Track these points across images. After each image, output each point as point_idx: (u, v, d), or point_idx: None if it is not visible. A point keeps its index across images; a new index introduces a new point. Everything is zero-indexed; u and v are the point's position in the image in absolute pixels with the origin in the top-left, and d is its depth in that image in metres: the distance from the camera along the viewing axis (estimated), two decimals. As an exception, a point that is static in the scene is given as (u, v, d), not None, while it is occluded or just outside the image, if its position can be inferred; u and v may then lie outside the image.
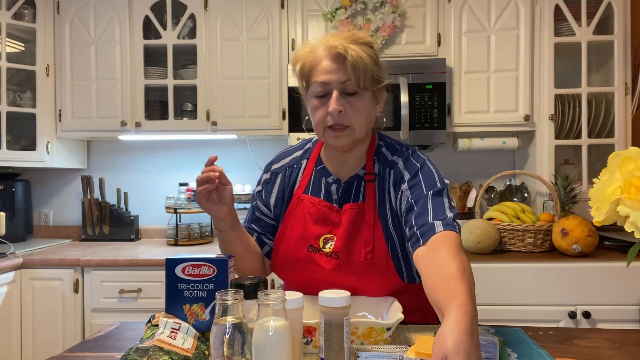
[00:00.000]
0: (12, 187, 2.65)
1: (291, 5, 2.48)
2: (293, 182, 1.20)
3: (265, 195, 1.23)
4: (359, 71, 1.04)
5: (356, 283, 1.11)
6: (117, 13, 2.54)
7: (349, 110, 1.06)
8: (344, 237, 1.11)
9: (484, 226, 2.13)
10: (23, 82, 2.64)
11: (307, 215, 1.15)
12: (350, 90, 1.05)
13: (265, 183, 1.24)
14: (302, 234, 1.14)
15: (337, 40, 1.05)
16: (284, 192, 1.21)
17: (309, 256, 1.13)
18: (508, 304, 2.03)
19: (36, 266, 2.22)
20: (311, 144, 1.24)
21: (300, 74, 1.12)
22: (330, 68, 1.05)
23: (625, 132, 2.32)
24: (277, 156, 1.26)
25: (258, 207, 1.24)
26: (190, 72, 2.59)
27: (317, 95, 1.08)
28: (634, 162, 0.77)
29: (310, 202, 1.15)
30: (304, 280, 1.16)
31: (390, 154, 1.16)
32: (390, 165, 1.14)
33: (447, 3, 2.42)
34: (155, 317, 0.94)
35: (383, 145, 1.18)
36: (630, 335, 1.06)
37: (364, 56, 1.04)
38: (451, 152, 2.74)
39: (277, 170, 1.24)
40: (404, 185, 1.09)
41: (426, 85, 2.32)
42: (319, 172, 1.19)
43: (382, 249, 1.10)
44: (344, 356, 0.83)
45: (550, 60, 2.35)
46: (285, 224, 1.17)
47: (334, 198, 1.16)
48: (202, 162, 2.86)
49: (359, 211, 1.12)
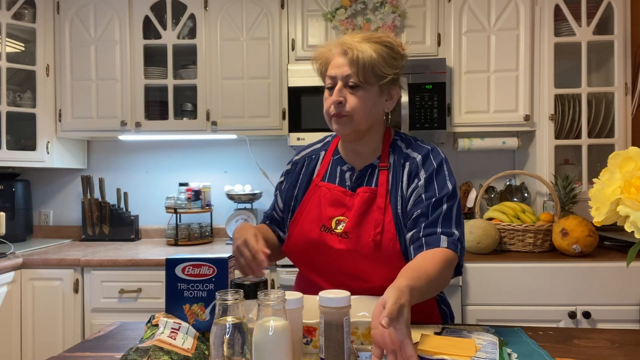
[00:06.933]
0: (12, 187, 2.65)
1: (291, 5, 2.48)
2: (312, 171, 1.29)
3: (286, 183, 1.32)
4: (357, 66, 1.12)
5: (363, 264, 1.15)
6: (117, 13, 2.54)
7: (349, 101, 1.15)
8: (355, 218, 1.16)
9: (484, 226, 2.13)
10: (23, 82, 2.64)
11: (323, 199, 1.22)
12: (352, 83, 1.14)
13: (287, 173, 1.34)
14: (317, 216, 1.21)
15: (349, 39, 1.16)
16: (302, 179, 1.29)
17: (320, 235, 1.18)
18: (508, 304, 2.03)
19: (36, 266, 2.22)
20: (330, 138, 1.34)
21: (318, 70, 1.24)
22: (338, 63, 1.16)
23: (625, 132, 2.32)
24: (298, 151, 1.36)
25: (276, 199, 1.34)
26: (190, 72, 2.59)
27: (327, 87, 1.19)
28: (634, 162, 0.77)
29: (327, 188, 1.23)
30: (314, 262, 1.21)
31: (406, 147, 1.22)
32: (406, 157, 1.20)
33: (447, 3, 2.42)
34: (155, 317, 0.94)
35: (399, 139, 1.24)
36: (630, 335, 1.06)
37: (367, 53, 1.12)
38: (451, 152, 2.74)
39: (297, 160, 1.33)
40: (420, 182, 1.14)
41: (426, 85, 2.32)
42: (335, 162, 1.27)
43: (391, 232, 1.14)
44: (344, 356, 0.83)
45: (550, 60, 2.35)
46: (302, 208, 1.24)
47: (347, 184, 1.22)
48: (202, 162, 2.88)
49: (371, 195, 1.17)
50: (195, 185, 2.68)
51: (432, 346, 0.88)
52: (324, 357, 0.84)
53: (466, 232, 2.14)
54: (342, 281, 1.16)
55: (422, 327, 1.10)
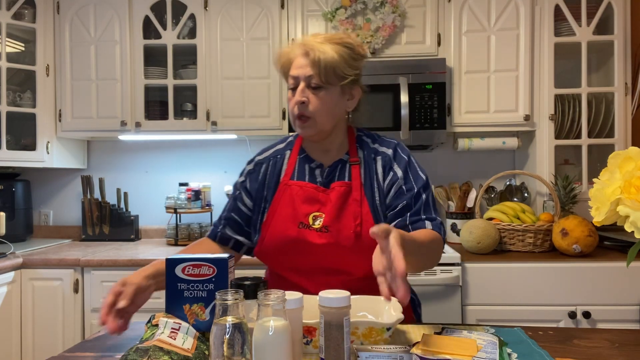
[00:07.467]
0: (12, 187, 2.65)
1: (291, 5, 2.48)
2: (279, 171, 1.28)
3: (250, 184, 1.30)
4: (319, 67, 1.15)
5: (344, 256, 1.16)
6: (117, 13, 2.54)
7: (312, 101, 1.17)
8: (332, 212, 1.18)
9: (484, 226, 2.13)
10: (23, 82, 2.64)
11: (296, 197, 1.22)
12: (314, 83, 1.17)
13: (249, 173, 1.31)
14: (292, 214, 1.20)
15: (311, 40, 1.18)
16: (270, 180, 1.28)
17: (299, 233, 1.18)
18: (508, 304, 2.03)
19: (36, 266, 2.22)
20: (292, 137, 1.35)
21: (281, 70, 1.27)
22: (301, 64, 1.18)
23: (625, 132, 2.32)
24: (260, 151, 1.35)
25: (241, 197, 1.30)
26: (190, 72, 2.59)
27: (290, 88, 1.22)
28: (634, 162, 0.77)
29: (298, 186, 1.23)
30: (291, 260, 1.20)
31: (372, 142, 1.27)
32: (376, 152, 1.25)
33: (447, 3, 2.42)
34: (155, 317, 0.94)
35: (363, 135, 1.30)
36: (630, 335, 1.06)
37: (329, 54, 1.15)
38: (451, 152, 2.74)
39: (261, 161, 1.32)
40: (398, 175, 1.20)
41: (426, 85, 2.32)
42: (302, 160, 1.28)
43: (369, 222, 1.18)
44: (344, 356, 0.83)
45: (550, 60, 2.35)
46: (274, 209, 1.23)
47: (318, 180, 1.24)
48: (202, 162, 2.88)
49: (347, 188, 1.21)
50: (195, 185, 2.68)
51: (434, 346, 0.88)
52: (324, 357, 0.84)
53: (466, 232, 2.15)
54: (319, 278, 1.17)
55: (423, 326, 1.10)
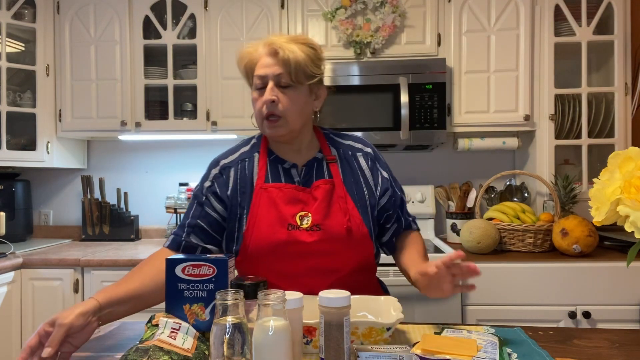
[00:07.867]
0: (12, 187, 2.65)
1: (291, 5, 2.48)
2: (250, 175, 1.24)
3: (219, 189, 1.23)
4: (289, 66, 1.15)
5: (335, 252, 1.17)
6: (117, 13, 2.54)
7: (282, 100, 1.17)
8: (320, 210, 1.18)
9: (484, 226, 2.13)
10: (23, 82, 2.64)
11: (277, 200, 1.19)
12: (284, 82, 1.17)
13: (216, 178, 1.25)
14: (277, 217, 1.17)
15: (277, 39, 1.18)
16: (242, 185, 1.22)
17: (289, 235, 1.16)
18: (508, 304, 2.03)
19: (36, 266, 2.22)
20: (256, 140, 1.32)
21: (244, 71, 1.25)
22: (268, 63, 1.17)
23: (625, 132, 2.32)
24: (223, 153, 1.30)
25: (209, 203, 1.23)
26: (190, 72, 2.59)
27: (257, 88, 1.20)
28: (634, 162, 0.77)
29: (276, 188, 1.20)
30: (279, 264, 1.16)
31: (342, 139, 1.31)
32: (351, 148, 1.29)
33: (447, 3, 2.42)
34: (155, 317, 0.94)
35: (330, 133, 1.33)
36: (630, 335, 1.06)
37: (298, 53, 1.16)
38: (451, 152, 2.74)
39: (227, 164, 1.26)
40: (384, 175, 1.28)
41: (426, 85, 2.32)
42: (273, 162, 1.25)
43: (356, 217, 1.20)
44: (344, 356, 0.83)
45: (550, 60, 2.35)
46: (254, 214, 1.18)
47: (296, 180, 1.23)
48: (202, 162, 2.88)
49: (331, 186, 1.22)
50: (193, 186, 2.68)
51: (434, 346, 0.88)
52: (324, 357, 0.84)
53: (466, 232, 2.15)
54: (305, 281, 1.15)
55: (422, 327, 1.10)
